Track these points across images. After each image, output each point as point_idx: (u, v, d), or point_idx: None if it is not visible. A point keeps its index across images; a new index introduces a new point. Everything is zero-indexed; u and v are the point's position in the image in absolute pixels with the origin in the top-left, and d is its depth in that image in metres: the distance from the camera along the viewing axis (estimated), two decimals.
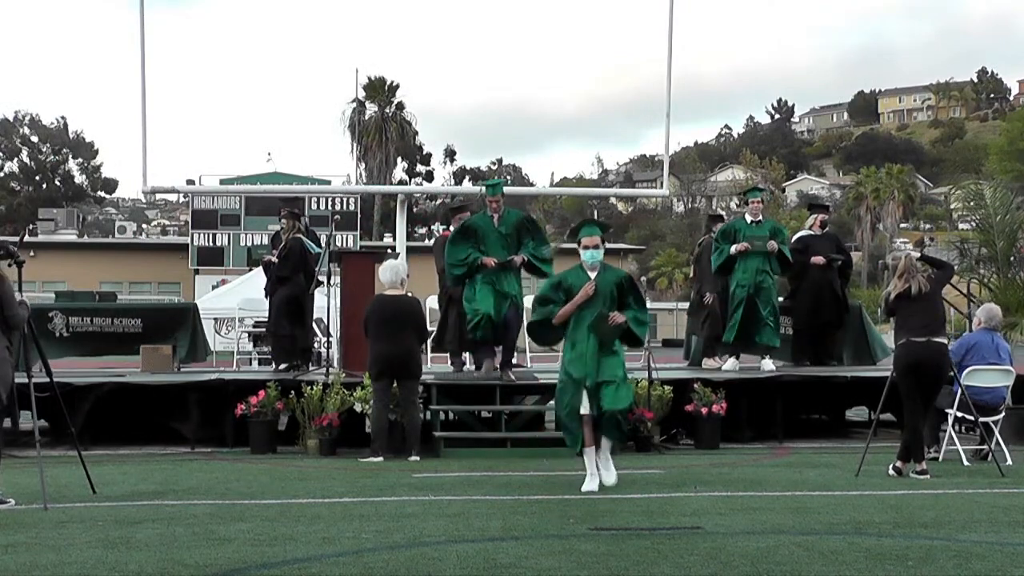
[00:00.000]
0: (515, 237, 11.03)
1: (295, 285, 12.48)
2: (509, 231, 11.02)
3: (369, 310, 10.28)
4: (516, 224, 11.08)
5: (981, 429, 9.94)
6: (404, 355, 10.23)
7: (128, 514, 7.03)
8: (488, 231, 10.97)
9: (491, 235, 10.95)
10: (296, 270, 12.50)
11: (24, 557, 5.66)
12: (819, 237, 13.69)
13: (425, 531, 6.38)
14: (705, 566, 5.37)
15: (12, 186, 68.54)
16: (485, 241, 10.91)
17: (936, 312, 9.11)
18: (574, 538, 6.17)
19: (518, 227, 11.08)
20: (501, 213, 11.07)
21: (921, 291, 8.94)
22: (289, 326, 12.57)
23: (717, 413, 11.17)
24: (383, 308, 10.23)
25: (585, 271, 8.19)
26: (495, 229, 10.97)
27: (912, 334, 8.89)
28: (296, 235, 12.61)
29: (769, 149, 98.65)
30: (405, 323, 10.27)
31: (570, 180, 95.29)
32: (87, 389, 11.19)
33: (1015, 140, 66.13)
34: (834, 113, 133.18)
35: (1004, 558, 5.62)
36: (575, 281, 8.12)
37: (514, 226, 11.06)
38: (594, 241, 8.20)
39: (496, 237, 10.95)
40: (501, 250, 10.90)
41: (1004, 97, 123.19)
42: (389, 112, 58.74)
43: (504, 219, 11.05)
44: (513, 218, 11.14)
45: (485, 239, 10.93)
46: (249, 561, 5.52)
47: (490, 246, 10.90)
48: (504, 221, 11.04)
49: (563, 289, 8.15)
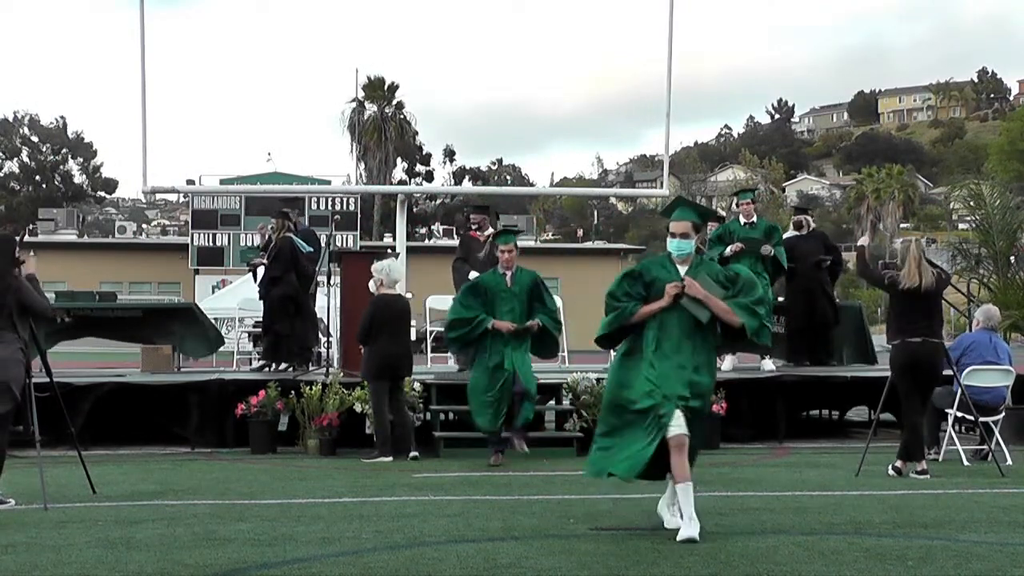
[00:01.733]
0: (526, 300, 9.87)
1: (287, 284, 12.48)
2: (522, 293, 9.88)
3: (374, 310, 10.24)
4: (530, 286, 9.90)
5: (981, 429, 9.94)
6: (405, 354, 10.33)
7: (128, 514, 7.03)
8: (499, 291, 9.83)
9: (503, 296, 9.82)
10: (287, 269, 12.49)
11: (24, 557, 5.66)
12: (804, 238, 13.73)
13: (425, 531, 6.38)
14: (705, 566, 5.37)
15: (12, 186, 68.54)
16: (495, 303, 9.78)
17: (936, 312, 9.11)
18: (574, 538, 6.17)
19: (531, 289, 9.89)
20: (514, 271, 9.92)
21: (929, 288, 8.86)
22: (289, 325, 12.57)
23: (717, 413, 11.17)
24: (386, 308, 10.23)
25: (672, 264, 6.44)
26: (507, 289, 9.84)
27: (908, 334, 8.85)
28: (286, 235, 12.62)
29: (769, 149, 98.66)
30: (404, 323, 10.37)
31: (570, 180, 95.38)
32: (87, 389, 11.19)
33: (1015, 140, 66.17)
34: (834, 113, 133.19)
35: (1004, 558, 5.62)
36: (659, 275, 6.40)
37: (527, 288, 9.89)
38: (683, 228, 6.40)
39: (508, 298, 9.83)
40: (508, 314, 9.76)
41: (1004, 97, 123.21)
42: (389, 112, 58.74)
43: (517, 278, 9.90)
44: (527, 279, 9.94)
45: (495, 301, 9.79)
46: (249, 561, 5.52)
47: (500, 309, 9.76)
48: (517, 280, 9.90)
49: (643, 283, 6.44)
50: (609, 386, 6.51)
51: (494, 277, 9.88)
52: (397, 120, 58.86)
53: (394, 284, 10.36)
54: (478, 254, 11.98)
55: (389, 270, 10.39)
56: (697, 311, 6.25)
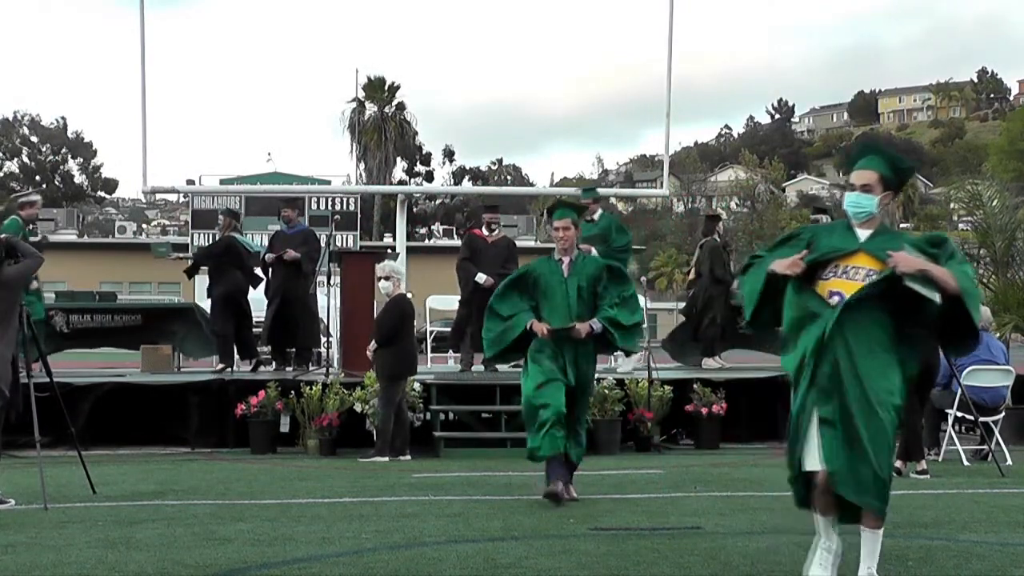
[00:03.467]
0: (589, 295, 7.46)
1: (230, 283, 12.54)
2: (582, 285, 7.44)
3: (397, 312, 10.21)
4: (594, 277, 7.47)
5: (981, 429, 9.94)
6: (416, 355, 10.44)
7: (128, 514, 7.03)
8: (552, 283, 7.46)
9: (557, 289, 7.44)
10: (230, 266, 12.61)
11: (24, 557, 5.66)
12: None
13: (425, 531, 6.38)
14: (705, 566, 5.37)
15: (12, 186, 68.54)
16: (546, 298, 7.46)
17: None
18: (574, 538, 6.17)
19: (595, 281, 7.46)
20: (573, 257, 7.52)
21: None
22: (231, 325, 12.61)
23: (717, 413, 11.18)
24: (407, 308, 10.28)
25: (850, 228, 4.82)
26: (563, 281, 7.44)
27: None
28: (229, 234, 12.76)
29: (769, 149, 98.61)
30: (413, 324, 10.47)
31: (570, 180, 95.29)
32: (87, 389, 11.20)
33: (1015, 140, 66.16)
34: (834, 113, 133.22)
35: (1004, 558, 5.62)
36: (832, 242, 4.79)
37: (590, 280, 7.45)
38: (865, 178, 4.81)
39: (562, 292, 7.42)
40: (560, 313, 7.38)
41: (1004, 97, 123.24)
42: (389, 112, 58.77)
43: (577, 266, 7.49)
44: (591, 269, 7.52)
45: (546, 296, 7.46)
46: (249, 561, 5.52)
47: (550, 306, 7.42)
48: (577, 269, 7.47)
49: (801, 241, 4.86)
50: None
51: (547, 264, 7.48)
52: (397, 120, 58.90)
53: (400, 284, 10.41)
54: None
55: (398, 270, 10.42)
56: (925, 288, 4.50)
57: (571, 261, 7.48)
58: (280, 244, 12.77)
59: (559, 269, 7.47)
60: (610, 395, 10.87)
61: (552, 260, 7.52)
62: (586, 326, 7.29)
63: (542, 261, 7.59)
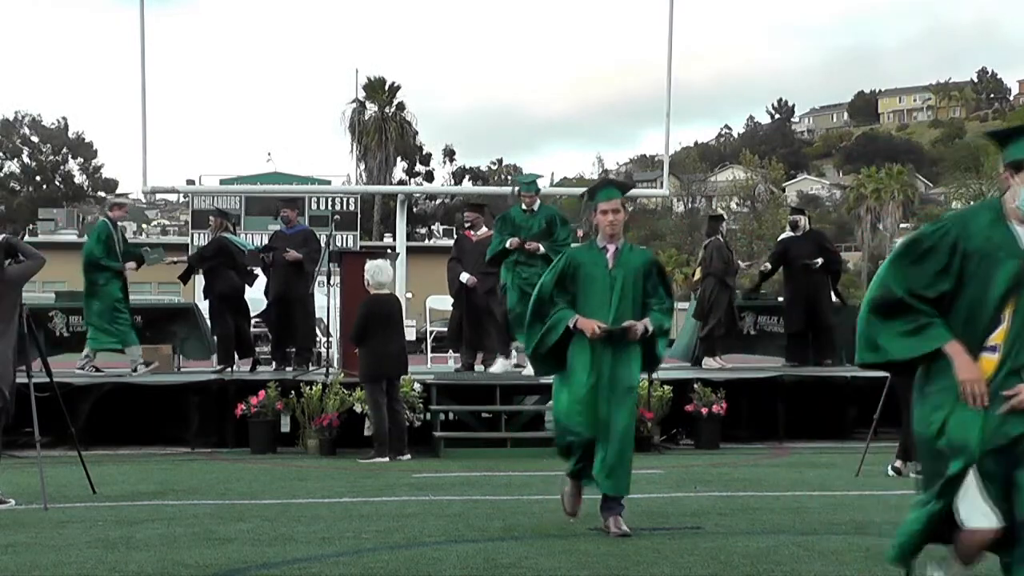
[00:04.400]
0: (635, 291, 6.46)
1: (224, 283, 12.54)
2: (628, 279, 6.41)
3: (366, 312, 10.19)
4: (643, 270, 6.43)
5: None
6: (398, 355, 10.29)
7: (128, 514, 7.03)
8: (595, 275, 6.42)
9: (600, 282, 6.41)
10: (223, 266, 12.57)
11: (24, 557, 5.66)
12: (798, 239, 13.87)
13: (425, 531, 6.38)
14: (705, 566, 5.37)
15: (12, 186, 68.59)
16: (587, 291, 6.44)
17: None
18: (574, 538, 6.17)
19: (644, 276, 6.42)
20: (619, 246, 6.45)
21: None
22: (229, 325, 12.60)
23: (717, 413, 11.18)
24: (376, 309, 10.19)
25: (1004, 223, 3.95)
26: (607, 273, 6.39)
27: None
28: (220, 234, 12.75)
29: (769, 149, 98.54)
30: (398, 323, 10.37)
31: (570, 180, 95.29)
32: (87, 389, 11.20)
33: None
34: (834, 113, 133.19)
35: None
36: (991, 237, 3.92)
37: (638, 274, 6.41)
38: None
39: (605, 286, 6.40)
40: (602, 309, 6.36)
41: (1004, 97, 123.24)
42: (389, 112, 58.79)
43: (623, 257, 6.42)
44: (638, 261, 6.45)
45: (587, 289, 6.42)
46: (249, 561, 5.52)
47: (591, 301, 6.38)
48: (623, 260, 6.41)
49: (947, 252, 3.94)
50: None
51: (588, 253, 6.46)
52: (397, 120, 58.92)
53: (380, 286, 10.26)
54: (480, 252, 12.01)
55: (375, 271, 10.32)
56: None
57: (617, 250, 6.36)
58: (280, 244, 12.77)
59: (603, 259, 6.34)
60: None
61: (594, 248, 6.42)
62: (642, 325, 6.25)
63: (583, 249, 6.56)
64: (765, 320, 14.47)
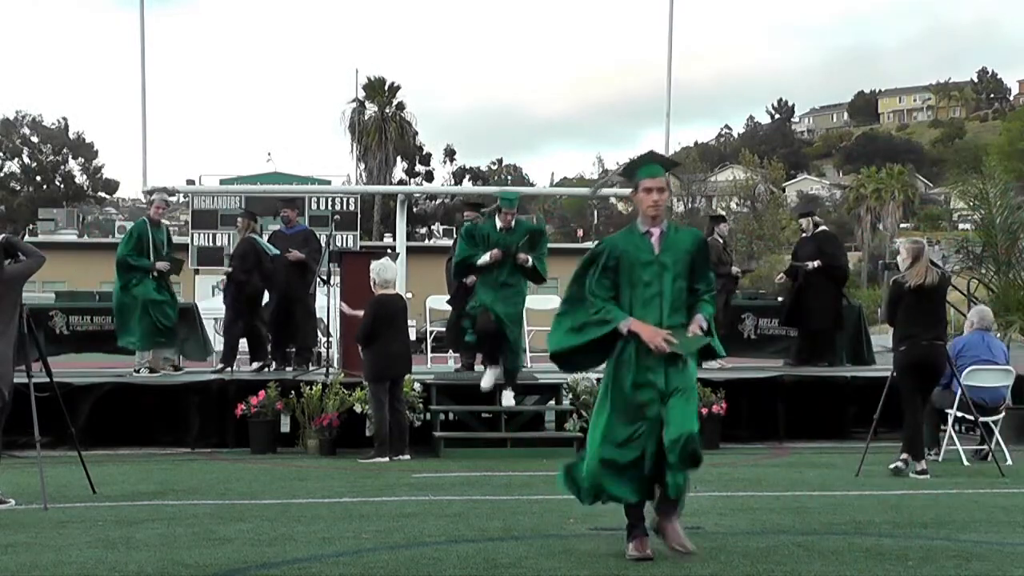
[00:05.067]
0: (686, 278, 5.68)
1: (250, 285, 12.50)
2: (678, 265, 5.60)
3: (374, 311, 10.20)
4: (692, 251, 5.65)
5: (981, 429, 9.94)
6: (404, 354, 10.33)
7: (128, 514, 7.03)
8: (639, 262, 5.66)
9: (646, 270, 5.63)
10: (250, 271, 12.51)
11: (24, 557, 5.66)
12: (807, 239, 13.89)
13: (425, 531, 6.38)
14: (705, 566, 5.37)
15: (13, 186, 68.60)
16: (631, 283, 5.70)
17: (942, 313, 9.16)
18: (574, 538, 6.17)
19: (693, 258, 5.64)
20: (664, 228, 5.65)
21: (934, 285, 8.88)
22: (245, 326, 12.60)
23: (717, 413, 11.17)
24: (384, 308, 10.21)
25: None
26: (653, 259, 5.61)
27: (919, 337, 8.85)
28: (249, 235, 12.67)
29: (769, 149, 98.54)
30: (402, 323, 10.38)
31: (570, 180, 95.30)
32: (87, 389, 11.20)
33: (1015, 140, 66.15)
34: (834, 113, 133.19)
35: (1004, 558, 5.62)
36: None
37: (687, 256, 5.62)
38: None
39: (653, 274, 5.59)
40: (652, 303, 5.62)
41: (1004, 97, 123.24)
42: (389, 112, 58.81)
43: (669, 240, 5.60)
44: (687, 242, 5.68)
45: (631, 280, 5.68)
46: (249, 561, 5.52)
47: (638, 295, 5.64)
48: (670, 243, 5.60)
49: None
50: None
51: (629, 238, 5.64)
52: (397, 120, 58.94)
53: (387, 284, 10.31)
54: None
55: (381, 268, 10.36)
56: None
57: (662, 234, 5.56)
58: (280, 244, 12.77)
59: (647, 245, 5.54)
60: None
61: (635, 233, 5.60)
62: (696, 326, 5.56)
63: (622, 235, 5.71)
64: (766, 323, 14.47)
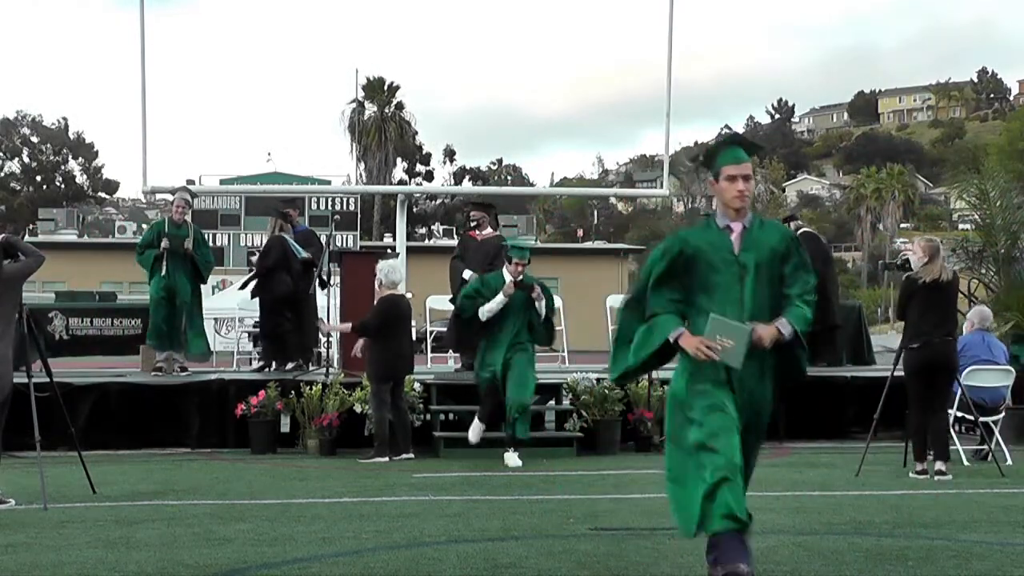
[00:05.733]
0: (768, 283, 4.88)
1: (280, 284, 12.45)
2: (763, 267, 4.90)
3: (384, 311, 10.19)
4: (781, 252, 4.87)
5: (981, 429, 9.94)
6: (408, 355, 10.37)
7: (128, 514, 7.03)
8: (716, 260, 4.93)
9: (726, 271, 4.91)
10: (278, 267, 12.47)
11: (24, 557, 5.65)
12: None
13: (425, 531, 6.38)
14: (705, 566, 5.36)
15: (13, 186, 68.60)
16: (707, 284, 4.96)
17: (953, 310, 9.15)
18: (574, 538, 6.17)
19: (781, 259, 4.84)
20: (749, 222, 4.89)
21: (948, 281, 8.87)
22: (286, 323, 12.57)
23: None
24: (395, 309, 10.23)
25: None
26: (733, 259, 4.87)
27: (932, 335, 8.83)
28: (278, 234, 12.63)
29: (769, 149, 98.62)
30: (408, 324, 10.42)
31: (570, 180, 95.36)
32: (87, 389, 11.20)
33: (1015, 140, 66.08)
34: (834, 113, 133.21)
35: (1004, 558, 5.62)
36: None
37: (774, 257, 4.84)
38: None
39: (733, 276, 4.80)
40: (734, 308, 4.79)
41: (1004, 97, 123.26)
42: (389, 112, 58.84)
43: (754, 235, 4.91)
44: (774, 239, 4.93)
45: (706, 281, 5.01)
46: (249, 561, 5.52)
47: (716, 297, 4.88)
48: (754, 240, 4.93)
49: None
50: None
51: (706, 234, 4.90)
52: (397, 120, 58.99)
53: (393, 286, 10.34)
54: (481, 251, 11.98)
55: (388, 270, 10.39)
56: None
57: (745, 229, 4.81)
58: None
59: (726, 241, 4.80)
60: (610, 395, 10.87)
61: (713, 227, 4.87)
62: (772, 330, 4.67)
63: (698, 230, 4.96)
64: None
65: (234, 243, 36.08)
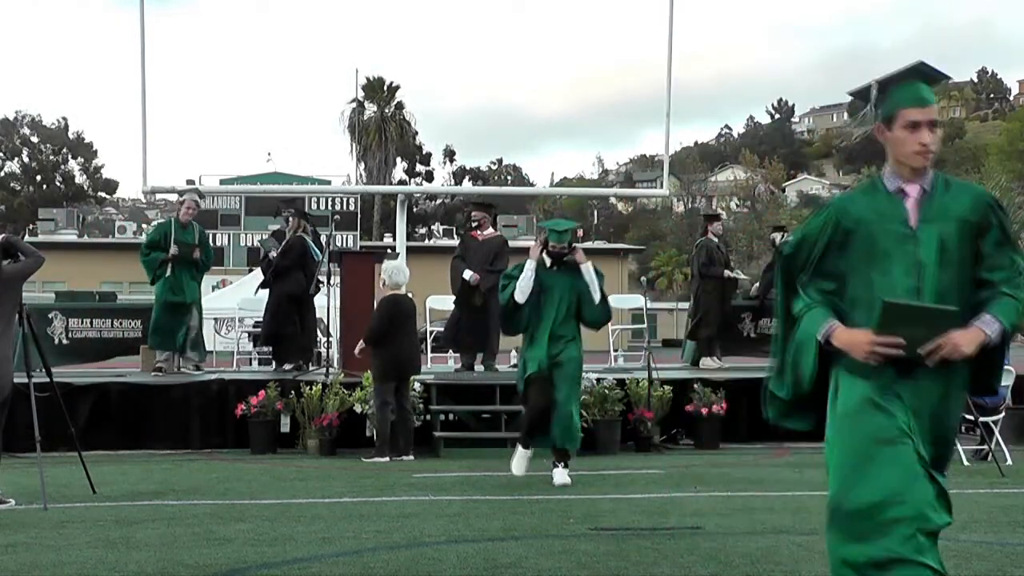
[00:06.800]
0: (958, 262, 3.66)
1: (294, 283, 12.45)
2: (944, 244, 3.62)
3: (386, 311, 10.20)
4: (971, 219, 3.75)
5: (981, 429, 9.94)
6: (413, 355, 10.37)
7: (128, 514, 7.03)
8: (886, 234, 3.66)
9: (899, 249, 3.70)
10: (294, 266, 12.47)
11: (24, 557, 5.66)
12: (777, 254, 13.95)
13: (425, 531, 6.38)
14: (705, 566, 5.37)
15: (13, 186, 68.60)
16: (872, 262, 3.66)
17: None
18: (574, 538, 6.17)
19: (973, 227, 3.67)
20: (931, 181, 3.57)
21: None
22: (291, 324, 12.57)
23: (717, 413, 11.18)
24: (397, 309, 10.23)
25: None
26: (909, 232, 3.51)
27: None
28: (300, 234, 12.64)
29: (769, 149, 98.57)
30: (413, 324, 10.43)
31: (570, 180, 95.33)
32: (87, 389, 11.20)
33: (1015, 140, 66.15)
34: (834, 113, 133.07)
35: (1004, 558, 5.62)
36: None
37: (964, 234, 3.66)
38: None
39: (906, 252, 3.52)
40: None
41: (1004, 97, 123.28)
42: (389, 112, 58.84)
43: (934, 204, 3.50)
44: (966, 203, 3.64)
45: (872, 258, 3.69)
46: (249, 561, 5.52)
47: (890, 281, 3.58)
48: (935, 211, 3.51)
49: None
50: None
51: (871, 200, 3.63)
52: (397, 120, 58.99)
53: (397, 286, 10.34)
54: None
55: (393, 271, 10.39)
56: None
57: (924, 193, 3.57)
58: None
59: (899, 210, 3.55)
60: (610, 395, 10.87)
61: (880, 190, 3.63)
62: (975, 333, 3.41)
63: (859, 194, 3.73)
64: (766, 323, 14.47)
65: (234, 243, 36.11)
